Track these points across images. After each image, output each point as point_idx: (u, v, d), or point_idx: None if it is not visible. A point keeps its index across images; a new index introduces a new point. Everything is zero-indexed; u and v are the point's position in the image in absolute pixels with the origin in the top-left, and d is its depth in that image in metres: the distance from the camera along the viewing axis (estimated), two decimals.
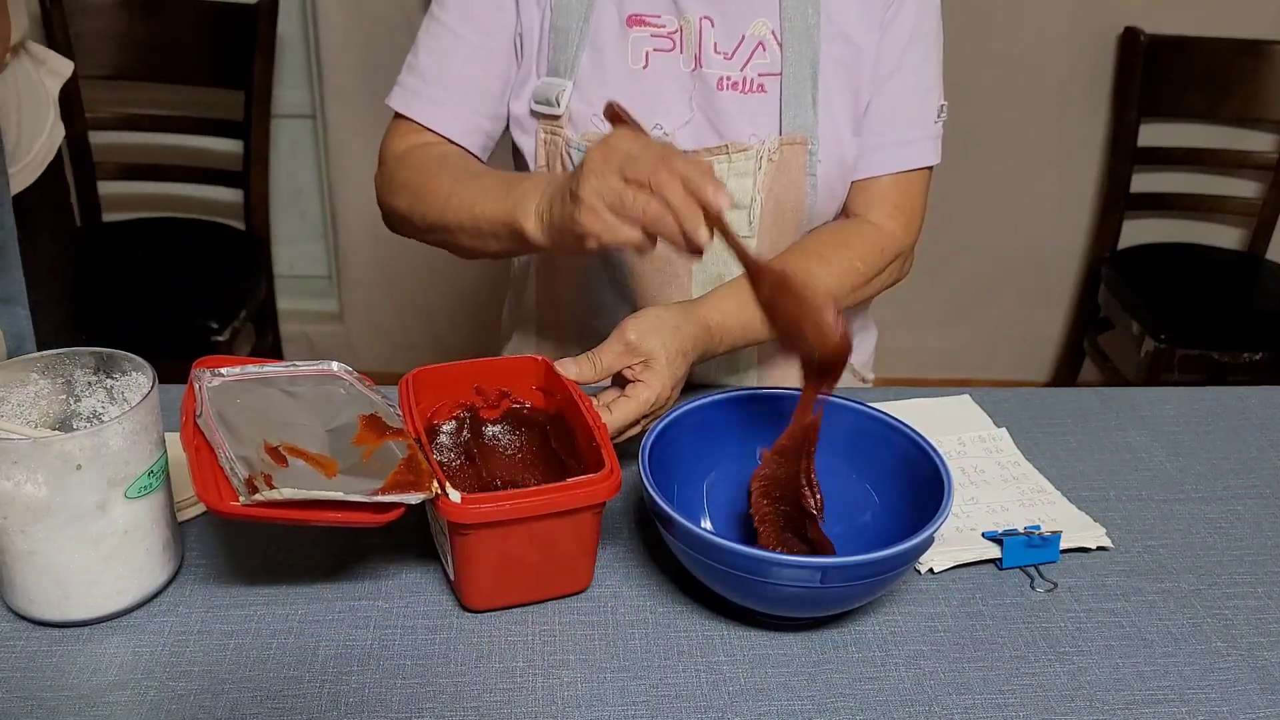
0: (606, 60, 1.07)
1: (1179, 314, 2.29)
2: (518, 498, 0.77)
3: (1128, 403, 1.15)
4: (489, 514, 0.76)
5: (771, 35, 1.06)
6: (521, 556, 0.80)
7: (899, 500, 0.87)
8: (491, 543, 0.78)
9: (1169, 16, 2.42)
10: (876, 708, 0.76)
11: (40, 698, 0.73)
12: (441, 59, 1.08)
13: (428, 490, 0.76)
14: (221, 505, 0.72)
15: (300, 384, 0.87)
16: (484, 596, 0.82)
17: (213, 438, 0.78)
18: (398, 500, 0.75)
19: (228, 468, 0.75)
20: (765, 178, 1.08)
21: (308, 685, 0.75)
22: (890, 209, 1.13)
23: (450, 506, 0.75)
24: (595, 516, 0.81)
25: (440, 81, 1.08)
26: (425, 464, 0.78)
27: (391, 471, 0.78)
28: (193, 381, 0.83)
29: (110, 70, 2.26)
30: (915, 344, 2.80)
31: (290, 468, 0.77)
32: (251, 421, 0.81)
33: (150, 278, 2.20)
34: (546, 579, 0.82)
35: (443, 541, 0.82)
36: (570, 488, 0.78)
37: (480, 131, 1.11)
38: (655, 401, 0.91)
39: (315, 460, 0.78)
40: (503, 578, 0.80)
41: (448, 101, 1.09)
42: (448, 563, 0.82)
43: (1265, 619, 0.86)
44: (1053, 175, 2.63)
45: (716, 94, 1.07)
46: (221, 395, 0.83)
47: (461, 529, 0.77)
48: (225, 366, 0.86)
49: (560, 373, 0.90)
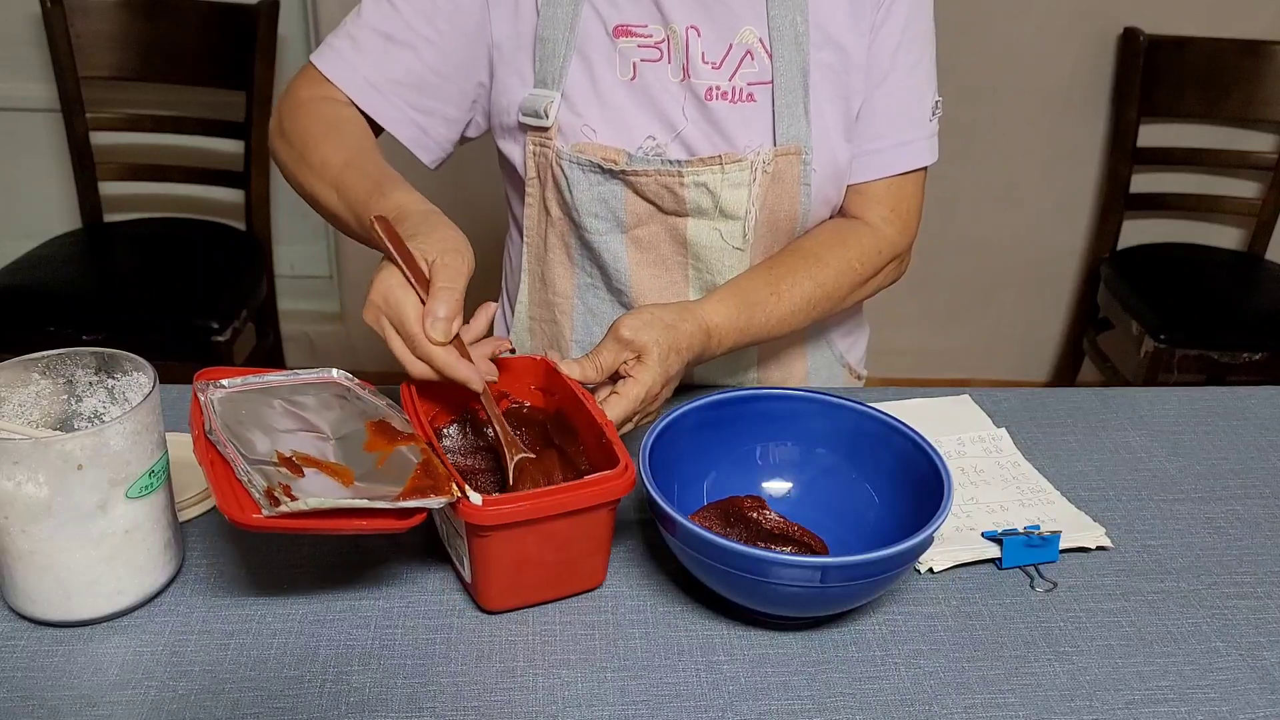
0: (595, 71, 1.06)
1: (1179, 314, 2.30)
2: (537, 498, 0.77)
3: (1127, 403, 1.15)
4: (509, 515, 0.76)
5: (760, 44, 1.05)
6: (539, 556, 0.80)
7: (899, 500, 0.87)
8: (510, 543, 0.78)
9: (1169, 17, 2.43)
10: (876, 707, 0.76)
11: (41, 698, 0.74)
12: (385, 42, 1.05)
13: (448, 494, 0.76)
14: (245, 519, 0.72)
15: (303, 393, 0.87)
16: (502, 597, 0.82)
17: (226, 451, 0.78)
18: (421, 505, 0.75)
19: (245, 480, 0.75)
20: (760, 189, 1.07)
21: (309, 685, 0.76)
22: (887, 211, 1.13)
23: (471, 509, 0.75)
24: (610, 513, 0.81)
25: (381, 66, 1.05)
26: (441, 468, 0.78)
27: (409, 477, 0.78)
28: (196, 395, 0.83)
29: (111, 70, 2.27)
30: (915, 344, 2.80)
31: (307, 477, 0.77)
32: (260, 433, 0.81)
33: (151, 278, 2.20)
34: (563, 577, 0.83)
35: (458, 544, 0.82)
36: (588, 485, 0.78)
37: (413, 125, 1.08)
38: (646, 397, 0.91)
39: (331, 469, 0.78)
40: (520, 578, 0.81)
41: (385, 89, 1.06)
42: (463, 566, 0.82)
43: (1265, 619, 0.86)
44: (1053, 175, 2.64)
45: (707, 104, 1.06)
46: (227, 407, 0.83)
47: (481, 531, 0.77)
48: (226, 378, 0.86)
49: (564, 373, 0.90)
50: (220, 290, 2.17)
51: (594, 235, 1.10)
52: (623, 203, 1.08)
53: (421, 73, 1.06)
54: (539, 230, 1.15)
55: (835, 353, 1.25)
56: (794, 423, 0.93)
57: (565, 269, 1.15)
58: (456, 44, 1.06)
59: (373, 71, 1.06)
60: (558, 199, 1.10)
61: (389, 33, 1.05)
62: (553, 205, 1.11)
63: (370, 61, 1.06)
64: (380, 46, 1.05)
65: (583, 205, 1.08)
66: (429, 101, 1.08)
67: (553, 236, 1.14)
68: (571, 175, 1.07)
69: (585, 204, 1.08)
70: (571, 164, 1.07)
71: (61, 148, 2.36)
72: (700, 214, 1.08)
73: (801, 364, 1.23)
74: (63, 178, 2.46)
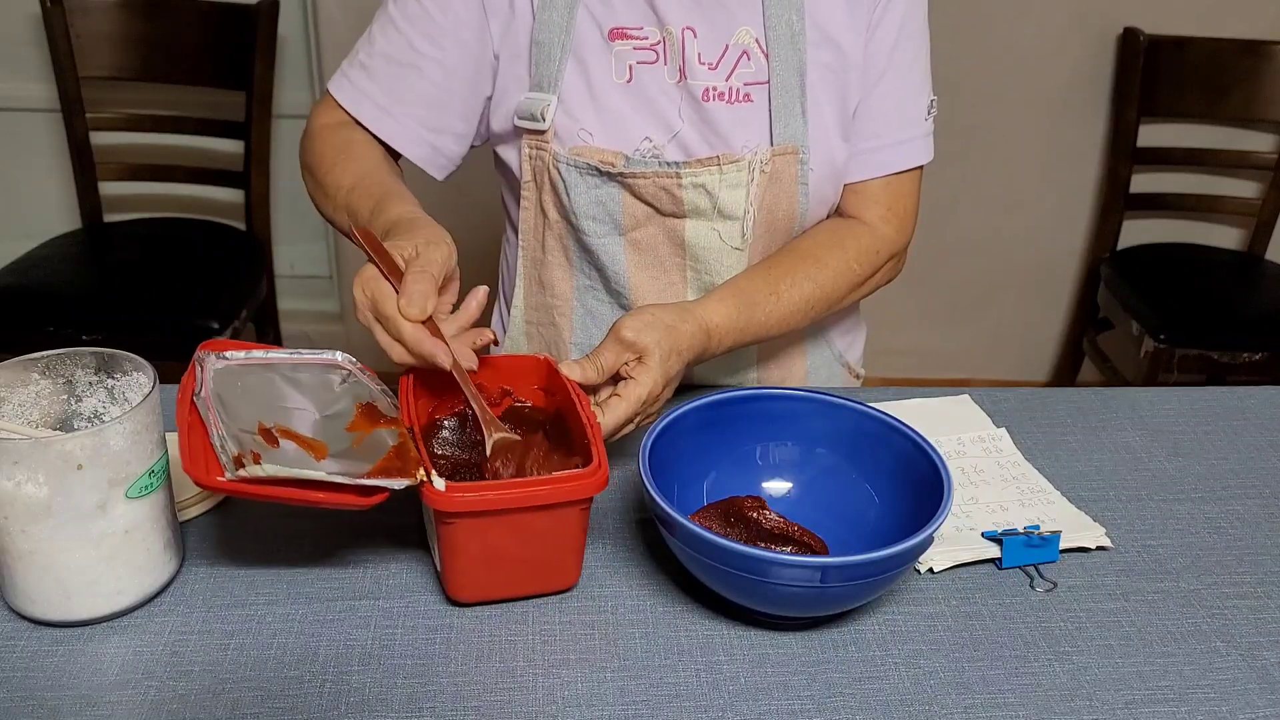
0: (591, 74, 1.06)
1: (1179, 314, 2.29)
2: (502, 489, 0.77)
3: (1128, 403, 1.15)
4: (472, 503, 0.76)
5: (756, 44, 1.05)
6: (506, 549, 0.80)
7: (899, 500, 0.87)
8: (476, 533, 0.78)
9: (1169, 17, 2.43)
10: (876, 707, 0.76)
11: (41, 698, 0.74)
12: (395, 67, 1.07)
13: (413, 477, 0.76)
14: (206, 480, 0.73)
15: (303, 371, 0.88)
16: (469, 589, 0.82)
17: (207, 416, 0.78)
18: (382, 484, 0.76)
19: (218, 445, 0.76)
20: (758, 189, 1.08)
21: (308, 685, 0.76)
22: (883, 211, 1.13)
23: (435, 494, 0.76)
24: (583, 512, 0.81)
25: (392, 90, 1.07)
26: (414, 452, 0.79)
27: (380, 458, 0.78)
28: (195, 363, 0.84)
29: (111, 70, 2.27)
30: (915, 344, 2.80)
31: (280, 449, 0.77)
32: (249, 403, 0.81)
33: (151, 278, 2.20)
34: (532, 574, 0.83)
35: (431, 532, 0.82)
36: (556, 481, 0.78)
37: (425, 144, 1.10)
38: (647, 399, 0.91)
39: (306, 443, 0.79)
40: (488, 570, 0.81)
41: (396, 112, 1.08)
42: (435, 554, 0.83)
43: (1265, 619, 0.86)
44: (1053, 175, 2.64)
45: (703, 105, 1.06)
46: (224, 377, 0.83)
47: (446, 518, 0.77)
48: (231, 350, 0.87)
49: (564, 374, 0.90)
50: (220, 290, 2.17)
51: (592, 238, 1.10)
52: (620, 205, 1.08)
53: (429, 91, 1.07)
54: (535, 233, 1.15)
55: (834, 352, 1.25)
56: (794, 423, 0.93)
57: (564, 271, 1.15)
58: (460, 59, 1.07)
59: (382, 95, 1.08)
60: (555, 202, 1.10)
61: (396, 56, 1.07)
62: (550, 208, 1.11)
63: (380, 86, 1.08)
64: (389, 70, 1.08)
65: (580, 208, 1.08)
66: (438, 119, 1.09)
67: (550, 239, 1.14)
68: (569, 178, 1.07)
69: (583, 207, 1.08)
70: (569, 167, 1.07)
71: (61, 148, 2.36)
72: (698, 215, 1.08)
73: (801, 363, 1.23)
74: (63, 178, 2.46)
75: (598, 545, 0.90)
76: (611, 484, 0.97)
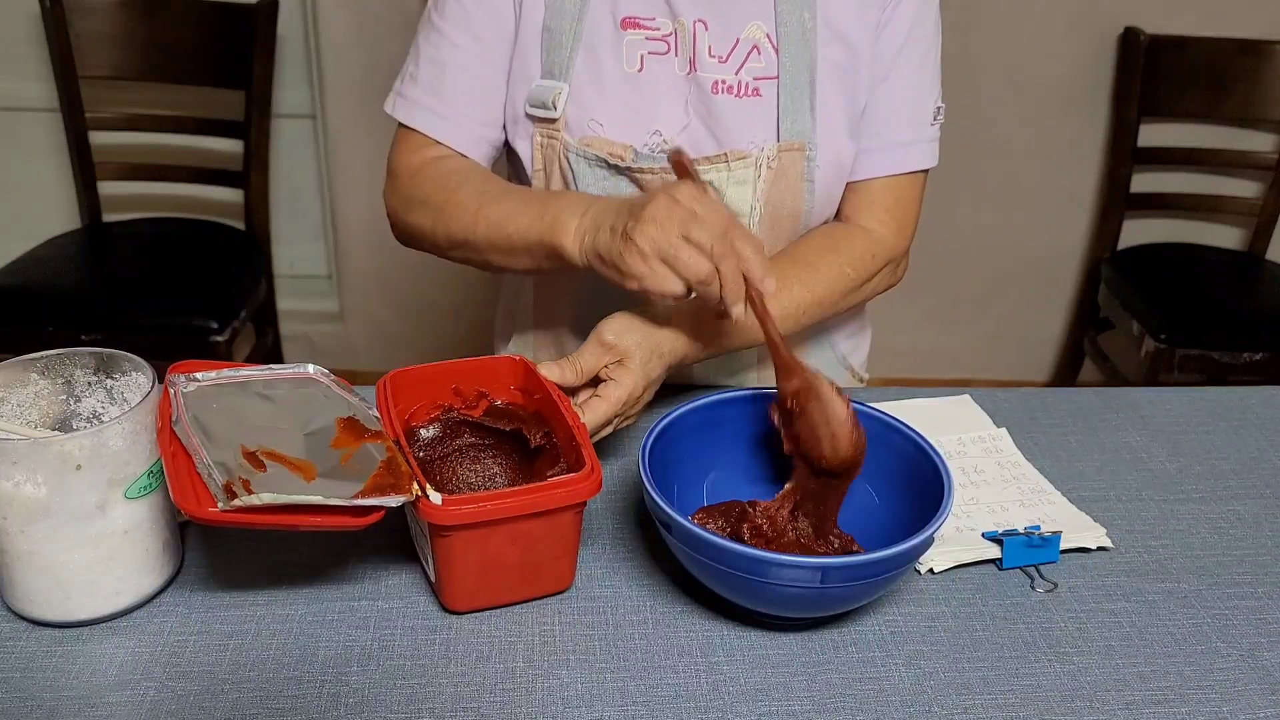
0: (601, 63, 1.06)
1: (1179, 314, 2.29)
2: (499, 499, 0.77)
3: (1128, 403, 1.15)
4: (470, 515, 0.76)
5: (766, 39, 1.05)
6: (503, 557, 0.79)
7: (899, 500, 0.87)
8: (473, 544, 0.78)
9: (1169, 16, 2.42)
10: (876, 708, 0.76)
11: (40, 698, 0.73)
12: (441, 70, 1.08)
13: (408, 493, 0.76)
14: (200, 512, 0.72)
15: (277, 388, 0.87)
16: (465, 598, 0.82)
17: (189, 443, 0.77)
18: (377, 503, 0.75)
19: (205, 474, 0.75)
20: (764, 185, 1.07)
21: (308, 685, 0.75)
22: (882, 213, 1.12)
23: (431, 508, 0.75)
24: (576, 516, 0.81)
25: (441, 93, 1.08)
26: (405, 466, 0.78)
27: (371, 474, 0.77)
28: (167, 387, 0.83)
29: (110, 70, 2.27)
30: (915, 344, 2.80)
31: (269, 472, 0.76)
32: (228, 427, 0.80)
33: (150, 278, 2.20)
34: (528, 579, 0.82)
35: (423, 544, 0.82)
36: (551, 487, 0.78)
37: (484, 141, 1.10)
38: (628, 400, 0.91)
39: (294, 464, 0.78)
40: (484, 579, 0.80)
41: (450, 115, 1.08)
42: (428, 565, 0.82)
43: (1265, 619, 0.86)
44: (1053, 175, 2.63)
45: (712, 98, 1.06)
46: (198, 400, 0.82)
47: (442, 530, 0.77)
48: (200, 371, 0.86)
49: (543, 376, 0.90)
50: (219, 290, 2.17)
51: None
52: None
53: (473, 86, 1.08)
54: None
55: (838, 354, 1.25)
56: None
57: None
58: (501, 48, 1.07)
59: (433, 99, 1.08)
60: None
61: (439, 58, 1.08)
62: None
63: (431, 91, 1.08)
64: (435, 74, 1.08)
65: None
66: (486, 113, 1.09)
67: None
68: (578, 169, 1.07)
69: None
70: (578, 158, 1.07)
71: (61, 148, 2.36)
72: None
73: None
74: (62, 178, 2.46)
75: (597, 546, 0.90)
76: (610, 484, 0.97)
